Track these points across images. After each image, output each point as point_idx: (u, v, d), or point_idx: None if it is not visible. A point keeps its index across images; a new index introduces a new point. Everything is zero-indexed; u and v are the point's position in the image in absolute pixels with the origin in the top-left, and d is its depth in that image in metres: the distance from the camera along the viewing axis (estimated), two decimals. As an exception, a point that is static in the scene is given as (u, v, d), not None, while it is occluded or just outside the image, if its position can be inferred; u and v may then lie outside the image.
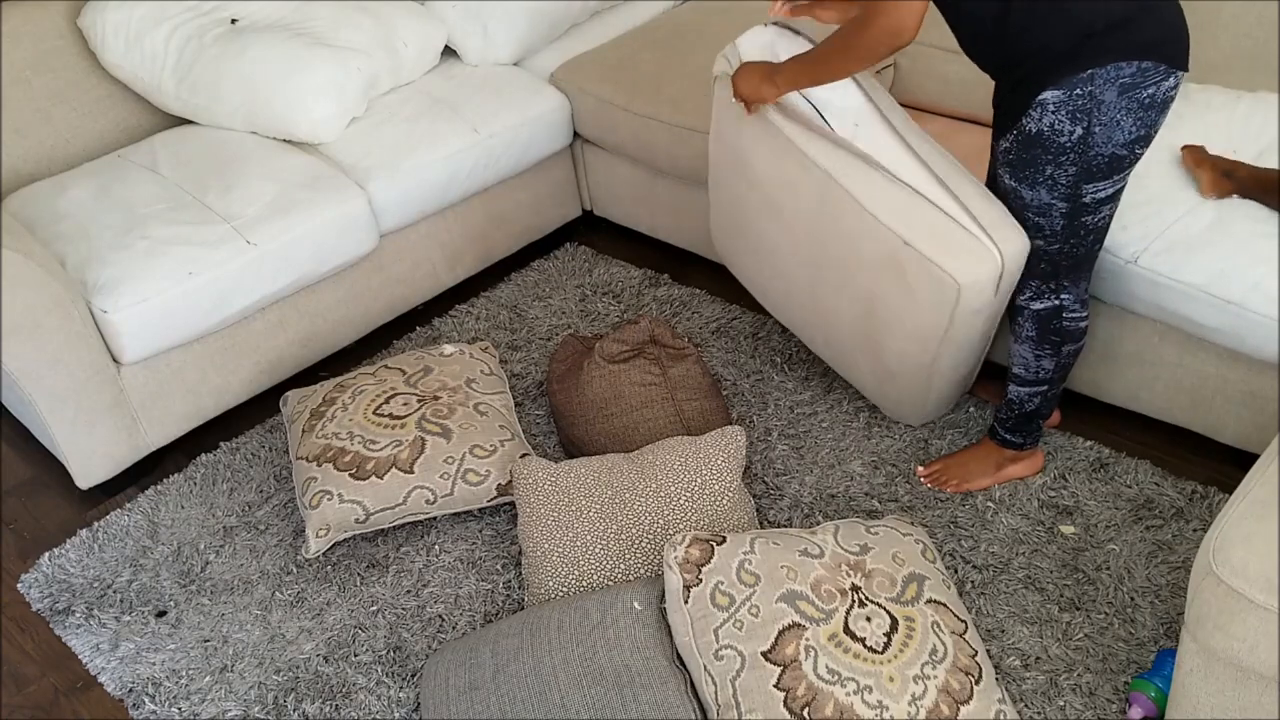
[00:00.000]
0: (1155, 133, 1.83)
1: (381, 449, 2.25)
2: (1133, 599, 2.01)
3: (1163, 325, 2.16)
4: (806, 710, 1.69)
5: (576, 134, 3.04)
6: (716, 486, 2.11)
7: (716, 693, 1.75)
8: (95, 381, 2.35)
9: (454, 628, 2.12)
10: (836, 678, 1.72)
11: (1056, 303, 2.01)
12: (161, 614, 2.22)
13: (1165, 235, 2.08)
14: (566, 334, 2.72)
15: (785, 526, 2.22)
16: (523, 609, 2.07)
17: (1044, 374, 2.11)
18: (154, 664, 2.12)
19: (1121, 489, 2.23)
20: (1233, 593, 1.40)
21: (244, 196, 2.54)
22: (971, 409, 2.45)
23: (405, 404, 2.34)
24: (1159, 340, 2.18)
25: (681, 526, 2.07)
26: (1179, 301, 2.05)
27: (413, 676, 2.04)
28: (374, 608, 2.18)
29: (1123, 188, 1.89)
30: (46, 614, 2.25)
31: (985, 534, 2.17)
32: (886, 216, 2.02)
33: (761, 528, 2.22)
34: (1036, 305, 2.03)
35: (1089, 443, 2.33)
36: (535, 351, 2.79)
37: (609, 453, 2.28)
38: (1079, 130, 1.79)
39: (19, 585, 2.33)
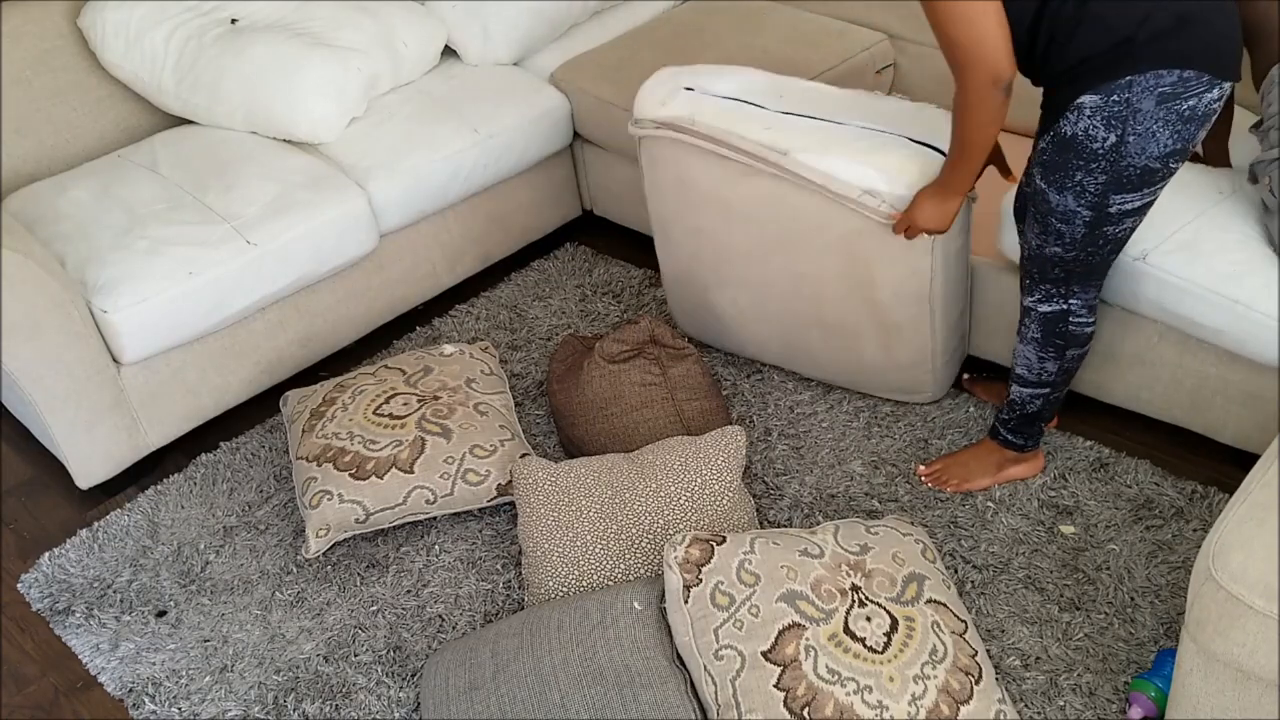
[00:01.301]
0: (1192, 146, 1.79)
1: (381, 449, 2.25)
2: (1133, 599, 2.02)
3: (1163, 326, 2.15)
4: (806, 710, 1.69)
5: (576, 134, 3.04)
6: (716, 486, 2.11)
7: (716, 693, 1.75)
8: (95, 381, 2.35)
9: (454, 628, 2.12)
10: (836, 678, 1.72)
11: (1064, 307, 2.01)
12: (161, 614, 2.22)
13: (1176, 235, 2.08)
14: (566, 334, 2.72)
15: (785, 526, 2.22)
16: (523, 609, 2.07)
17: (1046, 376, 2.10)
18: (154, 664, 2.12)
19: (1121, 489, 2.23)
20: (1232, 598, 1.40)
21: (244, 196, 2.54)
22: (971, 408, 2.45)
23: (405, 404, 2.34)
24: (1159, 340, 2.18)
25: (681, 526, 2.07)
26: (1185, 301, 2.04)
27: (413, 676, 2.04)
28: (374, 608, 2.18)
29: (1151, 202, 1.87)
30: (46, 614, 2.25)
31: (985, 534, 2.17)
32: (841, 172, 2.09)
33: (761, 528, 2.22)
34: (1044, 308, 2.02)
35: (1089, 443, 2.33)
36: (535, 351, 2.79)
37: (609, 453, 2.28)
38: (1113, 138, 1.76)
39: (19, 585, 2.33)
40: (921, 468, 2.32)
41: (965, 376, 2.51)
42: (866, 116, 2.18)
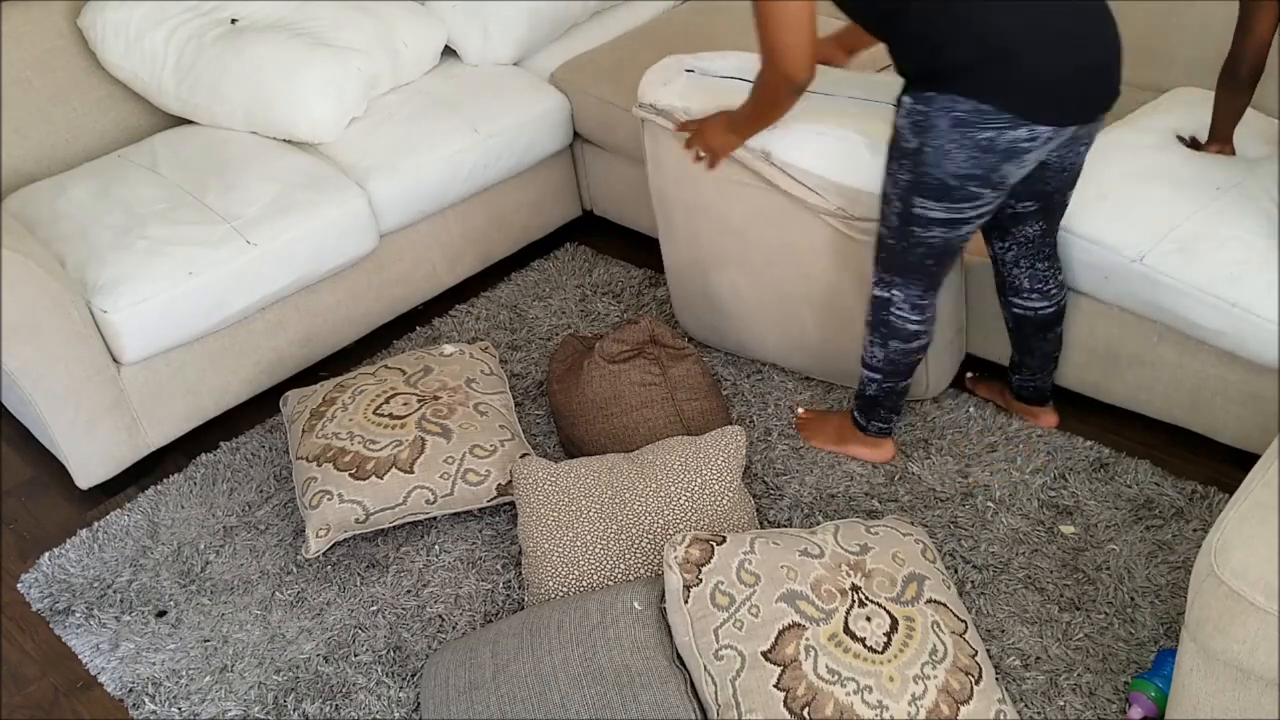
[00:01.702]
0: (1000, 178, 1.84)
1: (381, 449, 2.25)
2: (1133, 599, 2.01)
3: (1162, 326, 2.15)
4: (806, 710, 1.69)
5: (576, 134, 3.04)
6: (716, 486, 2.11)
7: (716, 693, 1.75)
8: (95, 381, 2.35)
9: (454, 628, 2.12)
10: (836, 677, 1.72)
11: (888, 295, 2.07)
12: (161, 614, 2.22)
13: (1172, 235, 2.08)
14: (566, 334, 2.72)
15: (785, 526, 2.22)
16: (523, 609, 2.07)
17: (875, 361, 2.17)
18: (154, 664, 2.12)
19: (1121, 489, 2.23)
20: (1233, 595, 1.40)
21: (244, 196, 2.54)
22: (971, 409, 2.45)
23: (405, 404, 2.34)
24: (1159, 341, 2.18)
25: (681, 526, 2.07)
26: (1182, 302, 2.05)
27: (413, 676, 2.04)
28: (374, 608, 2.18)
29: (962, 220, 1.91)
30: (46, 614, 2.25)
31: (985, 534, 2.17)
32: (825, 170, 2.15)
33: (761, 528, 2.22)
34: (874, 291, 2.10)
35: (1089, 443, 2.33)
36: (535, 351, 2.79)
37: (609, 453, 2.27)
38: (916, 143, 1.85)
39: (19, 585, 2.33)
40: (800, 410, 2.47)
41: (969, 375, 2.51)
42: (857, 89, 2.23)
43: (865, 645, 1.76)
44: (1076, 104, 1.83)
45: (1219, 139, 2.23)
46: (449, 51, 3.09)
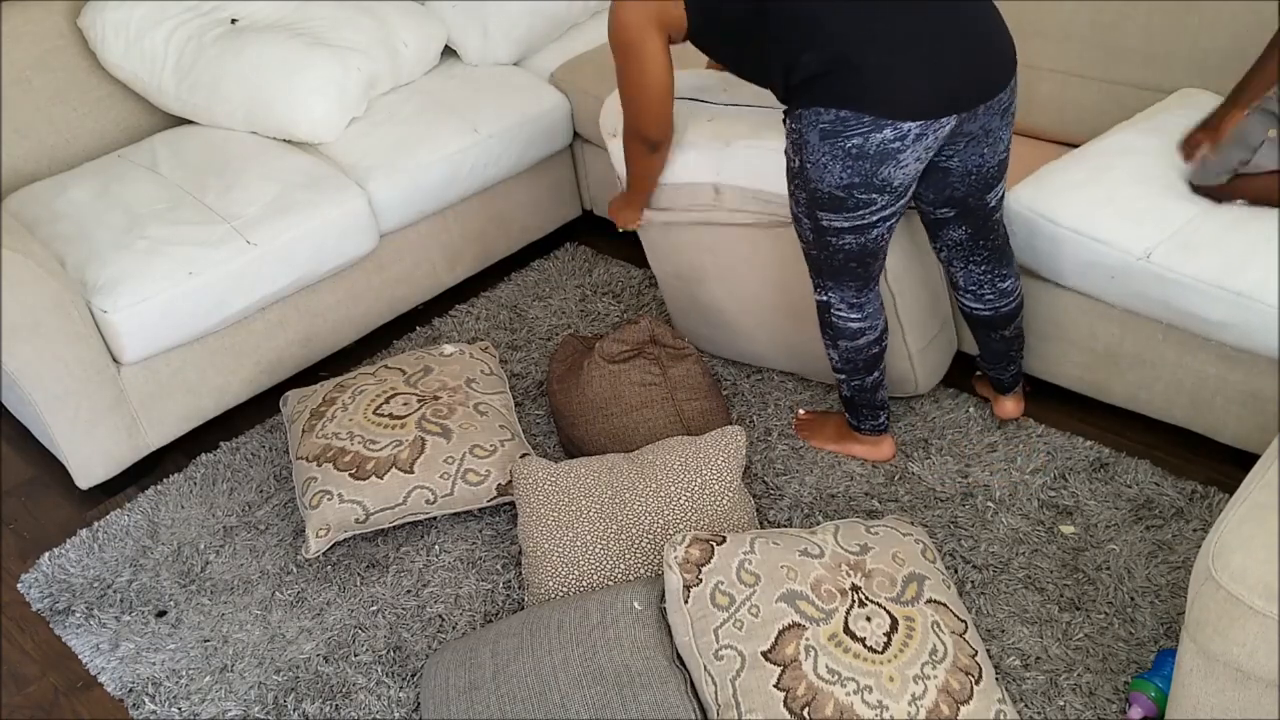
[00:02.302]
0: (883, 181, 1.85)
1: (381, 449, 2.25)
2: (1133, 599, 2.01)
3: (1165, 325, 2.15)
4: (806, 710, 1.69)
5: (576, 134, 3.04)
6: (716, 486, 2.11)
7: (716, 693, 1.75)
8: (95, 381, 2.35)
9: (454, 628, 2.12)
10: (836, 677, 1.72)
11: (825, 299, 2.12)
12: (161, 614, 2.22)
13: (1179, 233, 2.08)
14: (566, 334, 2.72)
15: (785, 526, 2.22)
16: (523, 609, 2.07)
17: (835, 363, 2.21)
18: (154, 664, 2.12)
19: (1121, 489, 2.23)
20: (1232, 598, 1.39)
21: (244, 196, 2.54)
22: (971, 409, 2.45)
23: (405, 404, 2.34)
24: (1162, 340, 2.18)
25: (681, 526, 2.07)
26: (1188, 297, 2.04)
27: (413, 676, 2.04)
28: (374, 608, 2.18)
29: (867, 225, 1.93)
30: (46, 614, 2.25)
31: (985, 534, 2.17)
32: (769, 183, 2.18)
33: (761, 528, 2.22)
34: (815, 296, 2.14)
35: (1089, 443, 2.33)
36: (535, 351, 2.79)
37: (609, 453, 2.28)
38: (798, 161, 1.90)
39: (19, 585, 2.33)
40: (801, 411, 2.48)
41: (976, 375, 2.51)
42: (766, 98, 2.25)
43: (865, 645, 1.76)
44: (938, 97, 1.81)
45: (1212, 126, 2.18)
46: (449, 51, 3.09)
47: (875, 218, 1.92)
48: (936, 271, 2.35)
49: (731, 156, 2.19)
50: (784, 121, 1.91)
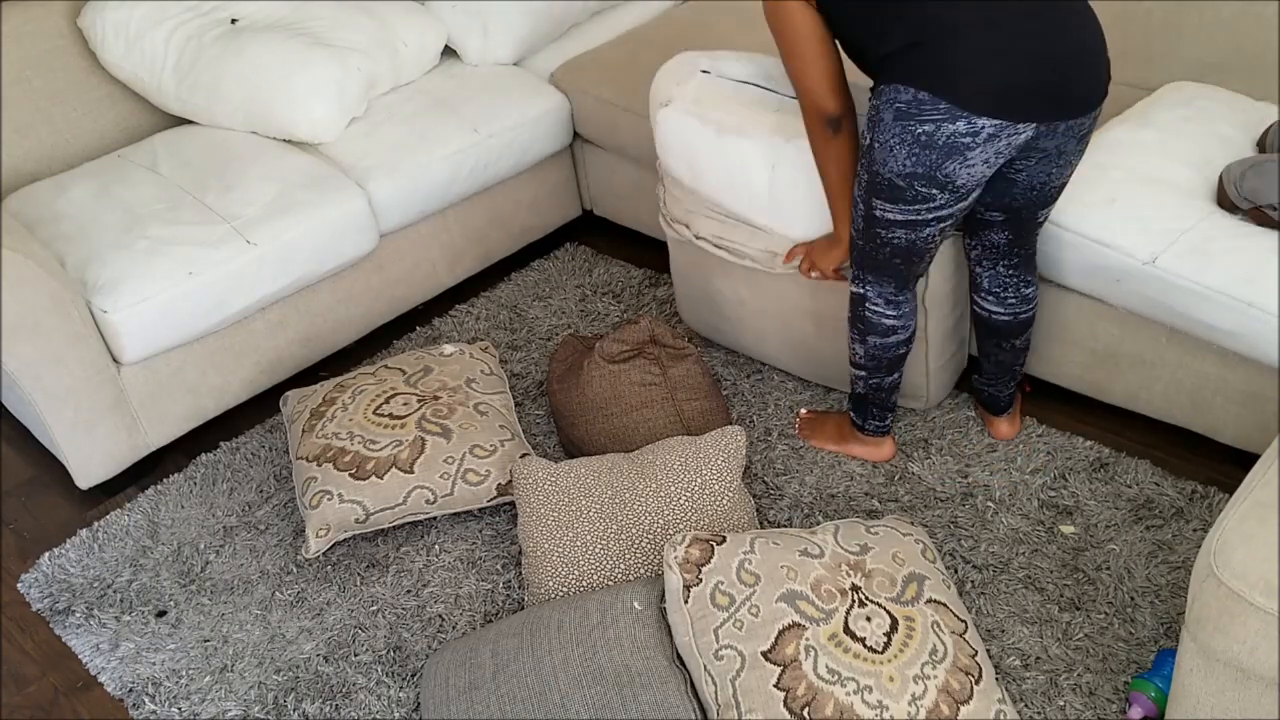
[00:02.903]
0: (946, 176, 1.80)
1: (381, 449, 2.25)
2: (1133, 599, 2.01)
3: (1169, 329, 2.15)
4: (806, 710, 1.69)
5: (576, 134, 3.04)
6: (716, 486, 2.11)
7: (716, 693, 1.75)
8: (95, 381, 2.35)
9: (454, 628, 2.12)
10: (836, 677, 1.72)
11: (861, 291, 2.10)
12: (161, 614, 2.22)
13: (1185, 238, 2.07)
14: (566, 334, 2.71)
15: (785, 526, 2.22)
16: (523, 609, 2.07)
17: (857, 358, 2.19)
18: (154, 664, 2.12)
19: (1121, 489, 2.23)
20: (1233, 595, 1.39)
21: (244, 196, 2.54)
22: (970, 410, 2.45)
23: (405, 404, 2.34)
24: (1165, 343, 2.17)
25: (681, 526, 2.07)
26: (1196, 304, 2.03)
27: (413, 676, 2.04)
28: (374, 608, 2.18)
29: (922, 223, 1.90)
30: (46, 614, 2.25)
31: (985, 534, 2.17)
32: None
33: (761, 528, 2.22)
34: (852, 287, 2.12)
35: (1089, 443, 2.33)
36: (535, 351, 2.79)
37: (609, 453, 2.28)
38: (868, 139, 1.86)
39: (19, 585, 2.33)
40: (803, 411, 2.47)
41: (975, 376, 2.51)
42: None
43: (865, 645, 1.76)
44: (1022, 101, 1.74)
45: None
46: (449, 51, 3.09)
47: (931, 215, 1.88)
48: (967, 298, 2.34)
49: (788, 154, 2.15)
50: (869, 100, 1.87)
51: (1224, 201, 2.12)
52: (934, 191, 1.83)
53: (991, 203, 2.00)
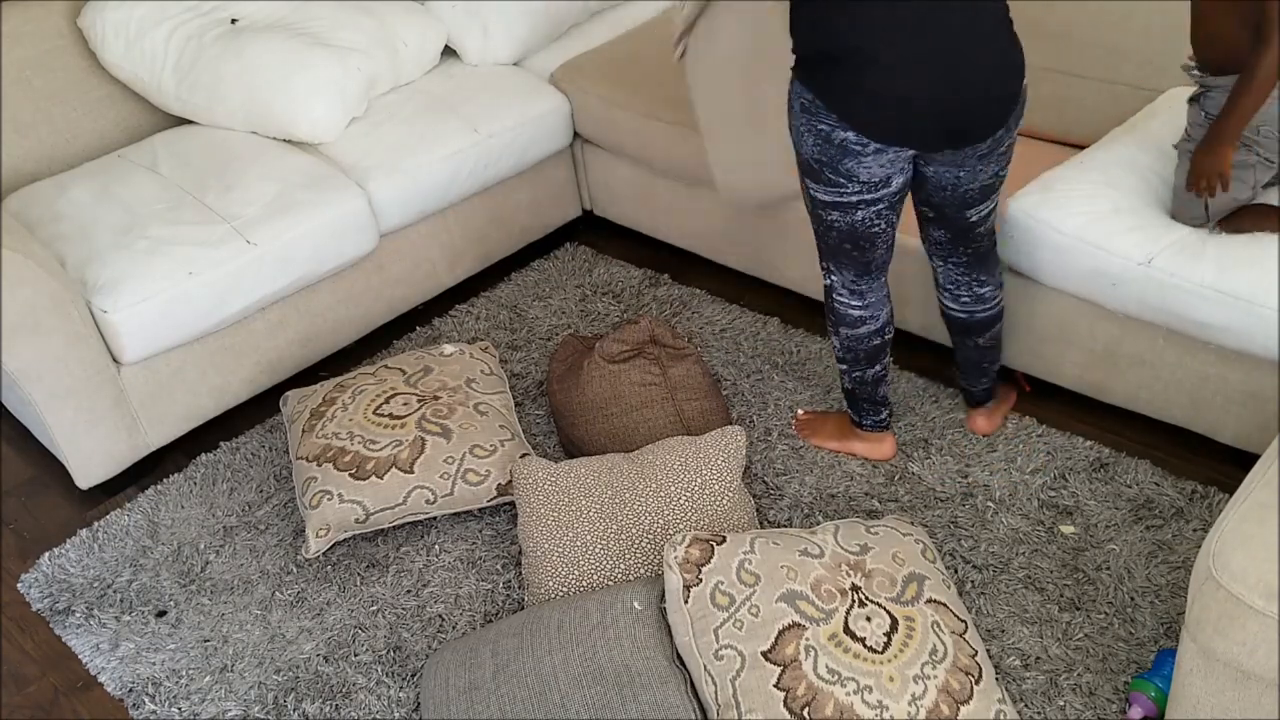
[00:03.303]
0: (848, 171, 1.87)
1: (381, 449, 2.25)
2: (1133, 599, 2.01)
3: (1166, 330, 2.15)
4: (806, 710, 1.69)
5: (576, 134, 3.04)
6: (716, 486, 2.11)
7: (716, 693, 1.75)
8: (95, 381, 2.35)
9: (454, 628, 2.12)
10: (836, 677, 1.72)
11: (829, 282, 2.15)
12: (161, 614, 2.22)
13: (1179, 239, 2.08)
14: (566, 334, 2.72)
15: (785, 526, 2.22)
16: (523, 609, 2.07)
17: (836, 351, 2.24)
18: (154, 664, 2.12)
19: (1121, 489, 2.23)
20: (1232, 598, 1.40)
21: (244, 196, 2.54)
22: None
23: (405, 404, 2.34)
24: (1163, 343, 2.18)
25: (681, 526, 2.07)
26: (1190, 302, 2.04)
27: (413, 676, 2.04)
28: (374, 608, 2.18)
29: (849, 205, 1.93)
30: (46, 614, 2.25)
31: (985, 534, 2.17)
32: None
33: (761, 528, 2.22)
34: (822, 279, 2.18)
35: (1089, 443, 2.33)
36: (535, 351, 2.79)
37: (609, 453, 2.28)
38: (789, 121, 1.94)
39: (19, 585, 2.33)
40: (800, 411, 2.48)
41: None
42: None
43: (865, 645, 1.76)
44: (903, 132, 1.83)
45: (1215, 168, 2.06)
46: (449, 51, 3.09)
47: (855, 200, 1.93)
48: None
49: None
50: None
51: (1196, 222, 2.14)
52: (841, 180, 1.91)
53: (917, 197, 2.05)
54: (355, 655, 2.09)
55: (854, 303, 2.13)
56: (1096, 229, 2.13)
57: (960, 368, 2.32)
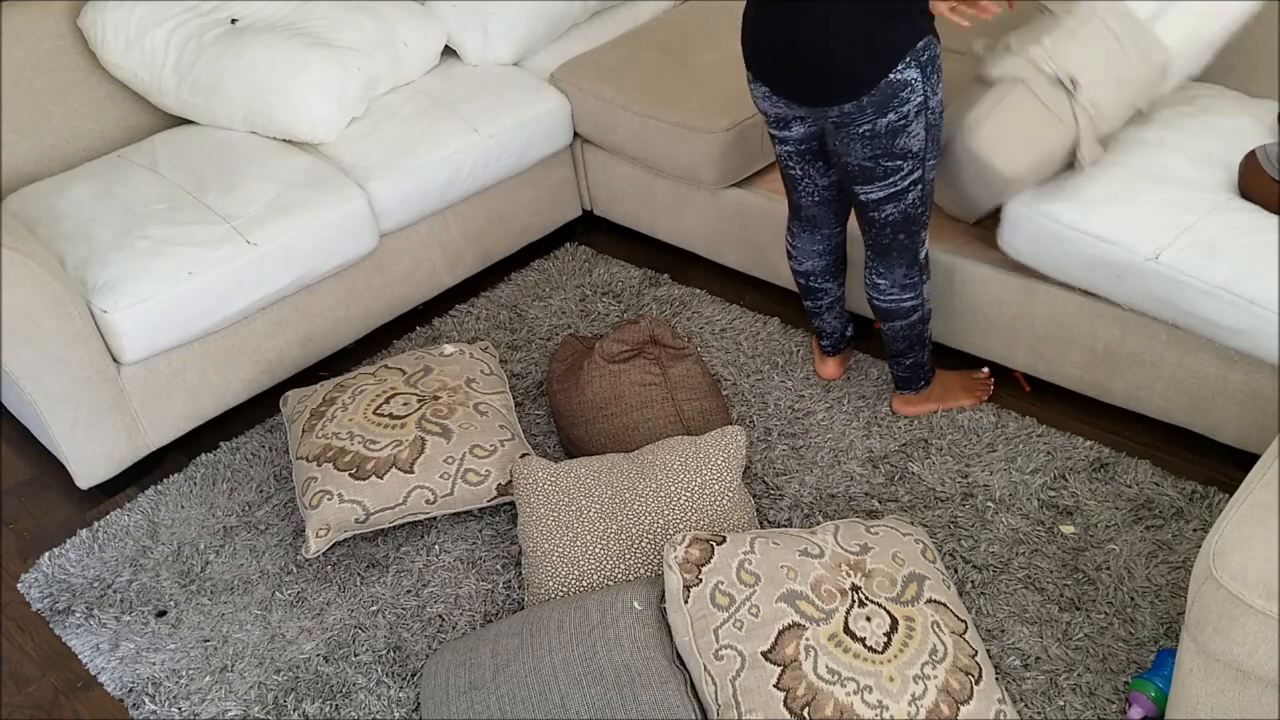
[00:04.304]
0: (763, 110, 2.10)
1: (381, 449, 2.25)
2: (1133, 599, 2.02)
3: (1171, 326, 2.15)
4: (806, 710, 1.69)
5: (576, 134, 3.04)
6: (716, 486, 2.11)
7: (716, 693, 1.75)
8: (95, 381, 2.35)
9: (454, 628, 2.12)
10: (836, 677, 1.72)
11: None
12: (161, 614, 2.22)
13: (1187, 233, 2.07)
14: (566, 334, 2.72)
15: (785, 526, 2.22)
16: (523, 609, 2.07)
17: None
18: (154, 664, 2.12)
19: (1121, 489, 2.23)
20: (1232, 597, 1.40)
21: (244, 196, 2.54)
22: (972, 411, 2.44)
23: (405, 404, 2.34)
24: (1165, 342, 2.17)
25: (681, 526, 2.07)
26: (1199, 300, 2.03)
27: (413, 676, 2.04)
28: (374, 608, 2.18)
29: (772, 138, 2.16)
30: (46, 614, 2.25)
31: (985, 534, 2.17)
32: None
33: (761, 528, 2.22)
34: None
35: (1089, 443, 2.33)
36: (535, 351, 2.79)
37: (609, 453, 2.28)
38: None
39: (19, 585, 2.33)
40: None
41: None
42: None
43: (865, 645, 1.76)
44: (756, 63, 2.04)
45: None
46: (449, 51, 3.09)
47: (776, 134, 2.14)
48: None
49: None
50: None
51: (1251, 186, 2.10)
52: (774, 131, 2.14)
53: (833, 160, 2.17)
54: (355, 655, 2.09)
55: (788, 237, 2.37)
56: (1100, 220, 2.11)
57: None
